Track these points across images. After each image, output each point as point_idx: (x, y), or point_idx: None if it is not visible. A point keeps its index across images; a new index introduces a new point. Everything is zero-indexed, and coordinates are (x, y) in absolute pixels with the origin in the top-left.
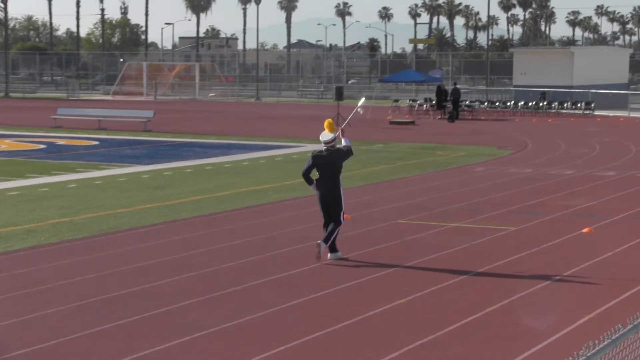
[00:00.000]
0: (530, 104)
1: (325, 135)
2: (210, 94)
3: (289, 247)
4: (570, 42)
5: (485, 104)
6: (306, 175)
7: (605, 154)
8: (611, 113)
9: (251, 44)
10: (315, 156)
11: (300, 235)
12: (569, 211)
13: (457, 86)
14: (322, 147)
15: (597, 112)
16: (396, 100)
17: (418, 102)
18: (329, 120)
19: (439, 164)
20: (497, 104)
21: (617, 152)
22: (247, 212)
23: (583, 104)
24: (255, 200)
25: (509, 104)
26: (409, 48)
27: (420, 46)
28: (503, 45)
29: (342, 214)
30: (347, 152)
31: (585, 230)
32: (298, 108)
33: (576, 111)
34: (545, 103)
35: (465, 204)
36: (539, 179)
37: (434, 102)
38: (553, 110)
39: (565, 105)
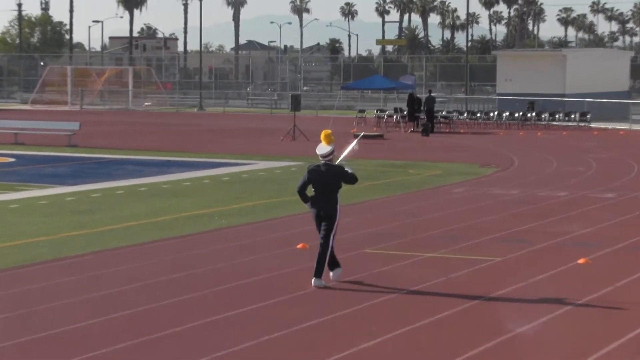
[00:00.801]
0: (516, 114)
1: (322, 148)
2: (146, 103)
3: (237, 280)
4: (562, 43)
5: (465, 114)
6: (301, 192)
7: (603, 173)
8: (610, 125)
9: (193, 45)
10: (312, 170)
11: (251, 267)
12: (561, 239)
13: (432, 94)
14: (320, 160)
15: (593, 125)
16: (361, 111)
17: (387, 112)
18: (326, 131)
19: (411, 185)
20: (478, 114)
21: (617, 171)
22: (188, 241)
23: (577, 115)
24: (198, 227)
25: (492, 114)
26: (376, 50)
27: (389, 48)
28: (485, 47)
29: (333, 233)
30: (350, 177)
31: (580, 261)
32: (248, 119)
33: (570, 123)
34: (534, 114)
35: (442, 231)
36: (527, 201)
37: (405, 112)
38: (543, 122)
39: (557, 116)
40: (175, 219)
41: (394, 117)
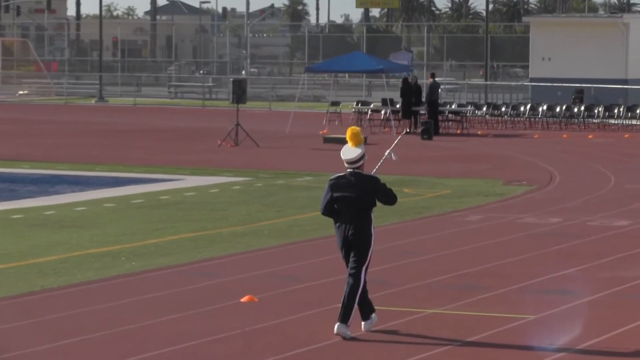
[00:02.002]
0: (557, 109)
1: (349, 151)
2: (21, 92)
3: (149, 351)
4: (623, 6)
5: (484, 109)
6: (328, 213)
7: None
8: None
9: (90, 8)
10: (335, 182)
11: (174, 332)
12: (621, 288)
13: (437, 80)
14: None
15: None
16: (335, 104)
17: (372, 106)
18: (354, 128)
19: (407, 210)
20: (503, 109)
21: None
22: (82, 292)
23: None
24: (97, 272)
25: (522, 109)
26: (356, 15)
27: (375, 12)
28: (513, 11)
29: (365, 266)
30: (389, 193)
31: None
32: (170, 115)
33: (634, 122)
34: (582, 108)
35: (451, 277)
36: (573, 234)
37: (398, 105)
38: (596, 120)
39: (616, 111)
40: (63, 260)
41: (383, 112)
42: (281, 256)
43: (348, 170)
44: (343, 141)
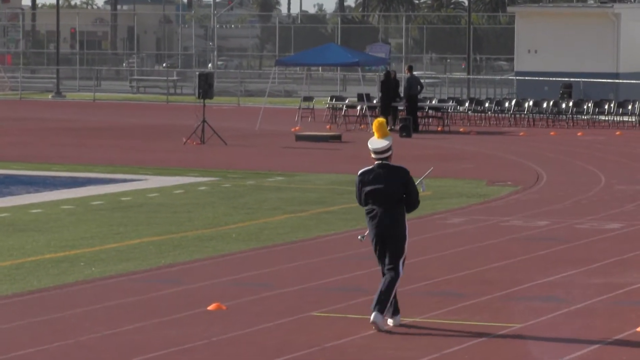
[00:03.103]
0: (544, 105)
1: (376, 141)
2: None
3: None
4: None
5: (467, 104)
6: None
7: None
8: None
9: None
10: (363, 173)
11: (136, 343)
12: (612, 295)
13: (415, 74)
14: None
15: None
16: (308, 99)
17: (347, 101)
18: (380, 120)
19: None
20: (487, 104)
21: None
22: (38, 300)
23: (638, 106)
24: (53, 278)
25: (507, 105)
26: (330, 5)
27: (351, 2)
28: (497, 1)
29: (402, 260)
30: (415, 191)
31: None
32: (133, 111)
33: (626, 118)
34: (570, 104)
35: (431, 284)
36: (561, 238)
37: (375, 101)
38: (585, 117)
39: (607, 107)
40: (18, 266)
41: (358, 108)
42: (251, 261)
43: (376, 162)
44: (316, 139)
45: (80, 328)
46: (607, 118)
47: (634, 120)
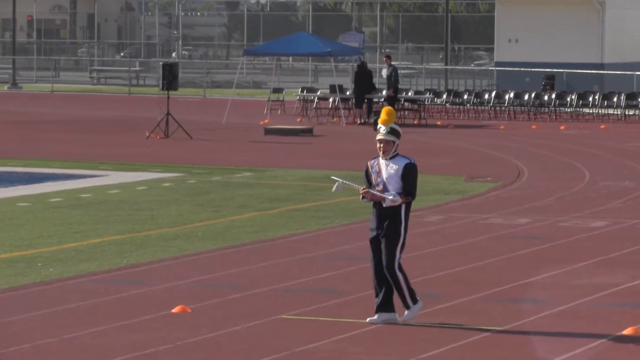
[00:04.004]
0: (526, 97)
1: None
2: None
3: None
4: None
5: (444, 97)
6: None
7: None
8: None
9: None
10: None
11: (98, 348)
12: (597, 296)
13: (394, 64)
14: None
15: None
16: (277, 91)
17: (319, 93)
18: (387, 108)
19: (356, 210)
20: (465, 96)
21: None
22: None
23: (623, 98)
24: (8, 279)
25: (487, 97)
26: None
27: None
28: None
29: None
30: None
31: (628, 331)
32: (93, 104)
33: (611, 111)
34: (553, 96)
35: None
36: (543, 236)
37: (348, 92)
38: (568, 110)
39: (591, 99)
40: None
41: (330, 100)
42: (217, 262)
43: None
44: (286, 132)
45: (37, 332)
46: (591, 111)
47: (619, 113)
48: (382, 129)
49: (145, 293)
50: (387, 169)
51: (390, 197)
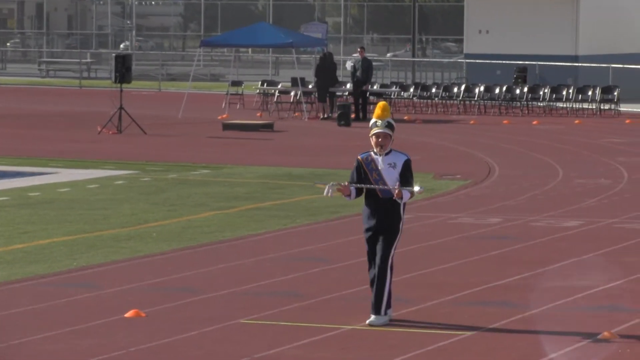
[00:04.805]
0: (497, 90)
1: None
2: None
3: None
4: None
5: (411, 90)
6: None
7: None
8: None
9: None
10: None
11: (40, 351)
12: (570, 299)
13: (355, 56)
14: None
15: (624, 108)
16: (236, 84)
17: (279, 86)
18: (382, 103)
19: (320, 209)
20: (433, 90)
21: None
22: None
23: (598, 92)
24: None
25: (456, 90)
26: None
27: None
28: None
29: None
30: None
31: (604, 335)
32: (41, 97)
33: (585, 105)
34: (525, 90)
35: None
36: (515, 236)
37: (311, 86)
38: (541, 104)
39: (565, 93)
40: None
41: (292, 94)
42: (173, 263)
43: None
44: (245, 128)
45: None
46: (565, 105)
47: (594, 107)
48: (378, 123)
49: (97, 297)
50: (384, 165)
51: (417, 189)
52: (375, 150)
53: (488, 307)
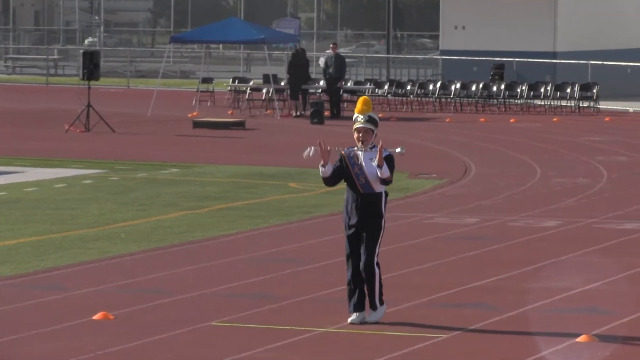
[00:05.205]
0: (473, 87)
1: (359, 121)
2: None
3: None
4: None
5: (386, 87)
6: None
7: (619, 188)
8: (632, 106)
9: None
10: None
11: (7, 355)
12: (549, 301)
13: (328, 52)
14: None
15: (603, 105)
16: (207, 81)
17: (251, 83)
18: (364, 98)
19: (292, 209)
20: (409, 87)
21: None
22: None
23: (577, 89)
24: None
25: (432, 87)
26: None
27: None
28: None
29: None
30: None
31: (582, 338)
32: (7, 94)
33: (564, 102)
34: (502, 87)
35: (345, 289)
36: (491, 237)
37: (283, 83)
38: (518, 101)
39: (543, 90)
40: None
41: (264, 91)
42: (142, 265)
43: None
44: (216, 126)
45: None
46: (543, 102)
47: (573, 104)
48: (360, 117)
49: (65, 298)
50: (366, 160)
51: (398, 150)
52: (357, 145)
53: (465, 309)
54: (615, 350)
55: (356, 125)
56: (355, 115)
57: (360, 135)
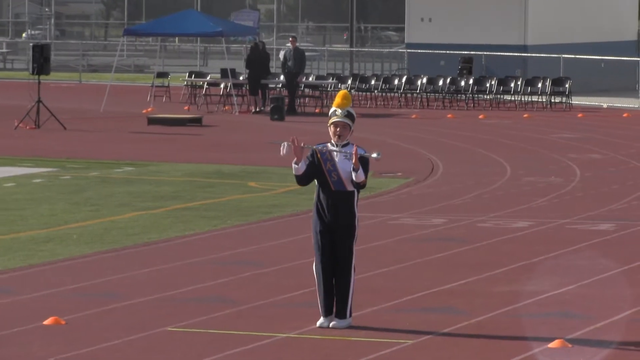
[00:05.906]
0: (440, 82)
1: (337, 115)
2: None
3: None
4: None
5: (349, 82)
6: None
7: (593, 187)
8: (606, 102)
9: None
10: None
11: None
12: (519, 305)
13: (289, 46)
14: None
15: (576, 101)
16: (162, 75)
17: (208, 78)
18: (343, 92)
19: (252, 209)
20: (372, 82)
21: (618, 182)
22: None
23: (549, 83)
24: None
25: (397, 82)
26: None
27: None
28: None
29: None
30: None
31: (554, 344)
32: None
33: (534, 98)
34: (471, 81)
35: (307, 293)
36: (460, 239)
37: (242, 77)
38: (488, 97)
39: (513, 85)
40: None
41: (222, 86)
42: (95, 267)
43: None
44: (172, 122)
45: None
46: (513, 98)
47: (544, 100)
48: (338, 112)
49: (14, 303)
50: (340, 157)
51: (374, 155)
52: (332, 140)
53: (432, 313)
54: (589, 355)
55: (334, 120)
56: (334, 109)
57: (338, 129)
